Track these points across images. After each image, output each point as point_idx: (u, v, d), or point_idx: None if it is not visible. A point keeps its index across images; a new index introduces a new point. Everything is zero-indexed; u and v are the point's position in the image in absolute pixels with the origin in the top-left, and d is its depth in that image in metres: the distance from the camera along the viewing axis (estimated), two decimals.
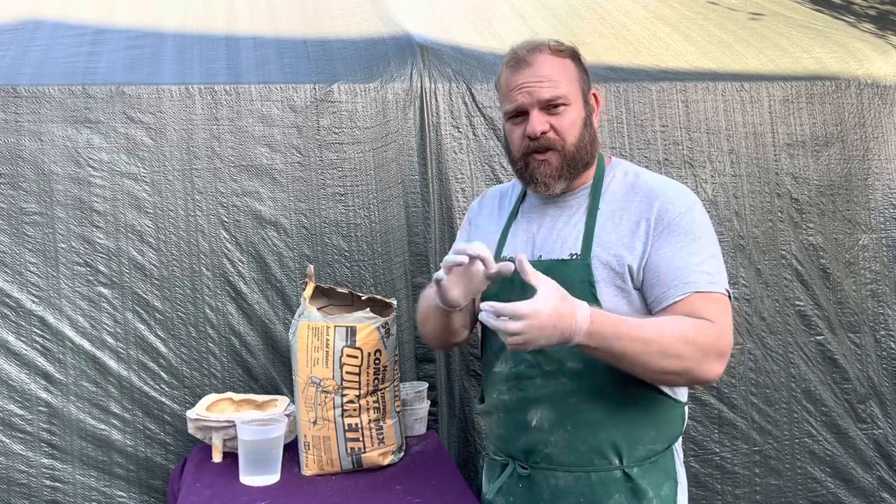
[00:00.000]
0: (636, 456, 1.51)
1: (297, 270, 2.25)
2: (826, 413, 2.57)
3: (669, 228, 1.46)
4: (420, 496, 1.74)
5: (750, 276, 2.51)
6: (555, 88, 1.50)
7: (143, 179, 2.18)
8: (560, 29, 2.82)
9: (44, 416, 2.10)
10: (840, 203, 2.61)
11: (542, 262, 1.54)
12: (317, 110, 2.28)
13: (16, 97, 2.12)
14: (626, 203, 1.52)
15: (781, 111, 2.59)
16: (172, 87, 2.21)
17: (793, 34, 2.95)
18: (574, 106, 1.52)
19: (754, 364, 2.51)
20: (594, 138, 1.56)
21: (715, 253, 1.48)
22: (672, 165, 2.49)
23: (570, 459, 1.52)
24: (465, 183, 2.36)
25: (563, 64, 1.54)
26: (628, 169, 1.60)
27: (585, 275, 1.48)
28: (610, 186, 1.56)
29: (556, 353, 1.51)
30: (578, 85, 1.55)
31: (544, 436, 1.53)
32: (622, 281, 1.47)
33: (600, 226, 1.51)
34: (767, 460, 2.53)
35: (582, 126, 1.53)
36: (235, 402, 2.07)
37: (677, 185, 1.54)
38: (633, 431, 1.50)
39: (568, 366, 1.50)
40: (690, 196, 1.51)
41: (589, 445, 1.50)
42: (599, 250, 1.49)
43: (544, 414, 1.53)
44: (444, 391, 2.34)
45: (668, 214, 1.47)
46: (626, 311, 1.46)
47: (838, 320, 2.59)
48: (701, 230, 1.47)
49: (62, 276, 2.12)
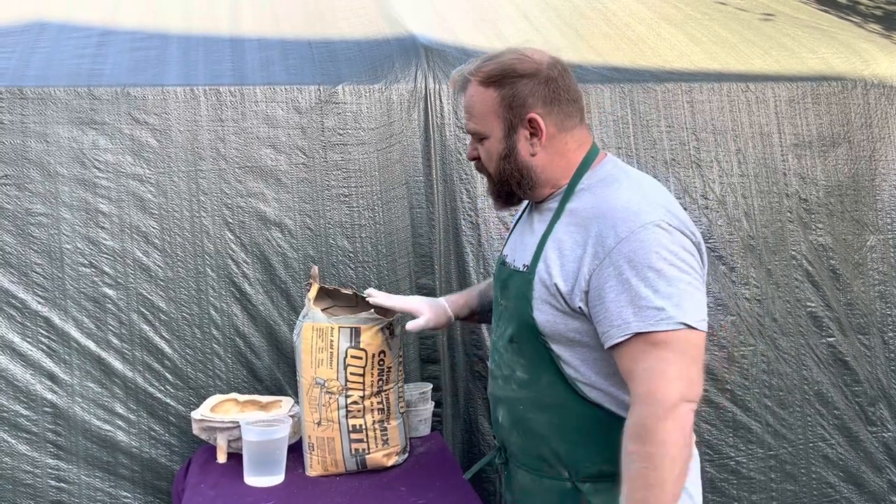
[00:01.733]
0: (585, 472, 1.44)
1: (301, 271, 2.25)
2: (838, 416, 2.55)
3: (610, 258, 1.32)
4: (424, 497, 1.73)
5: (761, 277, 2.50)
6: (471, 122, 1.52)
7: (148, 181, 2.18)
8: (564, 29, 2.82)
9: (49, 416, 2.10)
10: (848, 204, 2.60)
11: (507, 268, 1.56)
12: (321, 111, 2.28)
13: (21, 98, 2.13)
14: (579, 218, 1.42)
15: (788, 112, 2.58)
16: (177, 88, 2.22)
17: (798, 34, 2.94)
18: (491, 139, 1.49)
19: (767, 366, 2.49)
20: (522, 168, 1.47)
21: (672, 278, 1.30)
22: (679, 165, 2.48)
23: (526, 461, 1.53)
24: (469, 184, 2.36)
25: (484, 95, 1.47)
26: (607, 174, 1.46)
27: (527, 290, 1.45)
28: (580, 193, 1.46)
29: (509, 359, 1.51)
30: (498, 116, 1.47)
31: (507, 434, 1.56)
32: (555, 300, 1.40)
33: (551, 238, 1.44)
34: (783, 465, 2.50)
35: (498, 159, 1.49)
36: (240, 403, 2.07)
37: (632, 204, 1.36)
38: (580, 449, 1.44)
39: (517, 374, 1.50)
40: (642, 217, 1.33)
41: (538, 453, 1.49)
42: (542, 266, 1.43)
43: (504, 414, 1.56)
44: (448, 392, 2.34)
45: (607, 242, 1.33)
46: (562, 331, 1.41)
47: (848, 322, 2.57)
48: (649, 256, 1.30)
49: (67, 276, 2.12)
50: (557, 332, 1.41)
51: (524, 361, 1.48)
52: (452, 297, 1.85)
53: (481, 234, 2.34)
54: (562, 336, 1.41)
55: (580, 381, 1.42)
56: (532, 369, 1.47)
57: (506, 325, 1.52)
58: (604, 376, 1.40)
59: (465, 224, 2.35)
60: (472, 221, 2.35)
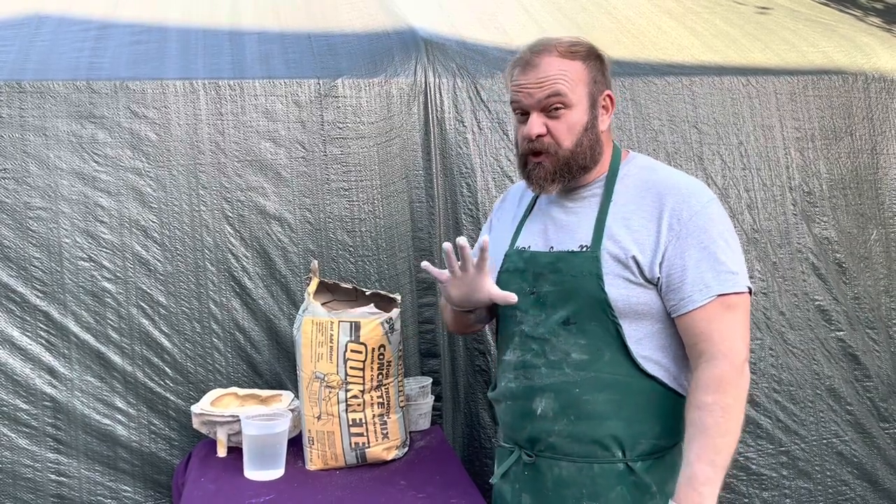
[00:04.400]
0: (639, 450, 1.50)
1: (301, 265, 2.24)
2: (851, 412, 2.53)
3: (687, 230, 1.45)
4: (423, 491, 1.73)
5: (766, 270, 2.49)
6: (553, 90, 1.49)
7: (147, 174, 2.18)
8: (565, 23, 2.81)
9: (49, 410, 2.10)
10: (851, 197, 2.59)
11: (552, 253, 1.55)
12: (321, 105, 2.28)
13: (20, 92, 2.12)
14: (639, 198, 1.51)
15: (789, 105, 2.57)
16: (177, 82, 2.21)
17: (799, 28, 2.93)
18: (576, 109, 1.51)
19: (775, 360, 2.48)
20: (596, 141, 1.54)
21: (735, 248, 1.48)
22: (681, 158, 2.47)
23: (573, 450, 1.52)
24: (469, 178, 2.35)
25: (570, 66, 1.51)
26: (645, 163, 1.59)
27: (594, 267, 1.48)
28: (624, 180, 1.55)
29: (561, 343, 1.51)
30: (585, 87, 1.52)
31: (548, 425, 1.53)
32: (630, 273, 1.47)
33: (612, 218, 1.51)
34: (795, 462, 2.48)
35: (581, 130, 1.51)
36: (240, 397, 2.07)
37: (691, 183, 1.52)
38: (637, 425, 1.49)
39: (572, 356, 1.50)
40: (705, 193, 1.49)
41: (591, 437, 1.50)
42: (609, 243, 1.49)
43: (548, 403, 1.53)
44: (448, 386, 2.33)
45: (683, 215, 1.46)
46: (634, 304, 1.47)
47: (856, 316, 2.56)
48: (719, 227, 1.47)
49: (66, 270, 2.12)
50: (629, 304, 1.47)
51: (584, 341, 1.49)
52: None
53: (482, 228, 2.34)
54: (631, 309, 1.47)
55: (641, 356, 1.49)
56: (593, 349, 1.49)
57: (553, 310, 1.53)
58: (661, 349, 1.50)
59: (466, 218, 2.34)
60: (472, 215, 2.34)
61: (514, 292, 1.54)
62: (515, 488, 1.60)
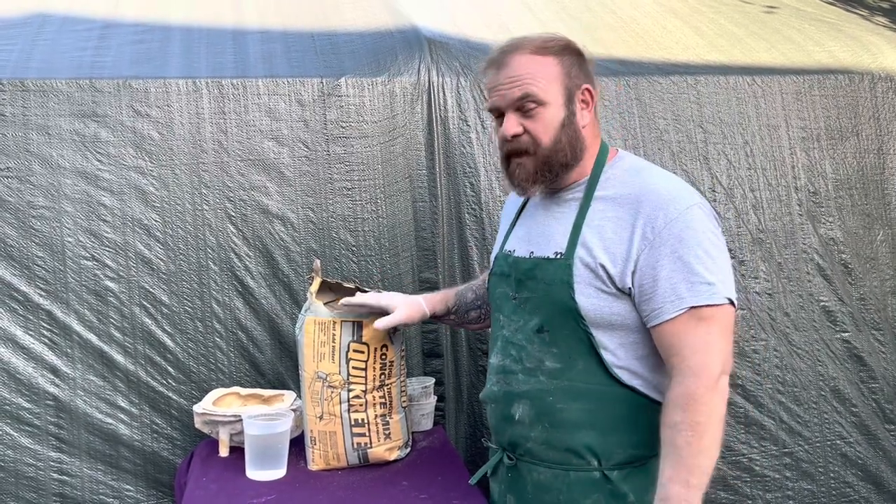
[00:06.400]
0: (616, 459, 1.47)
1: (304, 265, 2.24)
2: (856, 413, 2.51)
3: (661, 238, 1.39)
4: (425, 492, 1.73)
5: (771, 271, 2.47)
6: (524, 90, 1.46)
7: (150, 173, 2.17)
8: (569, 22, 2.80)
9: (51, 409, 2.10)
10: (857, 197, 2.58)
11: (531, 259, 1.53)
12: (324, 104, 2.27)
13: (23, 91, 2.12)
14: (616, 205, 1.46)
15: (795, 105, 2.56)
16: (179, 80, 2.21)
17: (805, 28, 2.92)
18: (551, 105, 1.47)
19: (780, 361, 2.46)
20: (576, 137, 1.49)
21: (717, 257, 1.40)
22: (686, 157, 2.46)
23: (549, 456, 1.50)
24: (473, 177, 2.34)
25: (542, 62, 1.47)
26: (630, 165, 1.52)
27: (566, 275, 1.45)
28: (606, 183, 1.50)
29: (535, 350, 1.50)
30: (559, 82, 1.47)
31: (526, 431, 1.52)
32: (601, 283, 1.43)
33: (587, 225, 1.46)
34: (799, 463, 2.46)
35: (559, 126, 1.47)
36: (242, 397, 2.06)
37: (673, 188, 1.44)
38: (612, 435, 1.46)
39: (546, 364, 1.49)
40: (686, 199, 1.42)
41: (565, 445, 1.48)
42: (582, 251, 1.45)
43: (525, 410, 1.52)
44: (451, 386, 2.33)
45: (657, 223, 1.39)
46: (606, 314, 1.43)
47: (862, 317, 2.54)
48: (698, 236, 1.39)
49: (69, 270, 2.12)
50: (601, 315, 1.43)
51: (557, 350, 1.47)
52: (429, 294, 1.87)
53: (485, 228, 2.33)
54: (604, 319, 1.44)
55: (616, 366, 1.45)
56: (566, 357, 1.46)
57: (530, 316, 1.51)
58: (638, 359, 1.45)
59: (469, 217, 2.34)
60: (475, 215, 2.34)
61: (500, 296, 1.58)
62: (502, 488, 1.61)
